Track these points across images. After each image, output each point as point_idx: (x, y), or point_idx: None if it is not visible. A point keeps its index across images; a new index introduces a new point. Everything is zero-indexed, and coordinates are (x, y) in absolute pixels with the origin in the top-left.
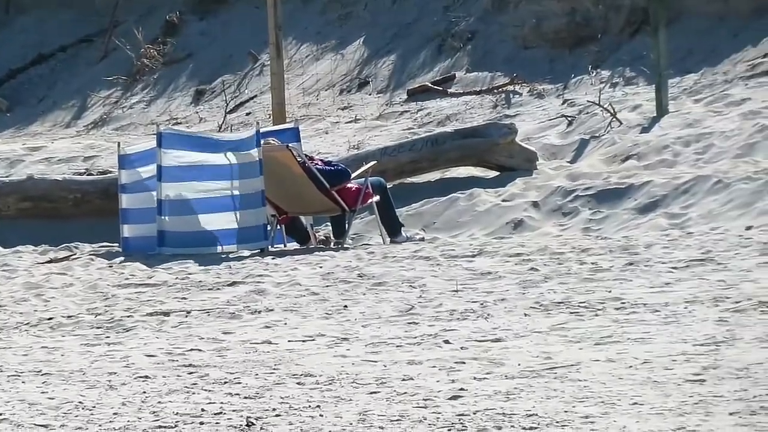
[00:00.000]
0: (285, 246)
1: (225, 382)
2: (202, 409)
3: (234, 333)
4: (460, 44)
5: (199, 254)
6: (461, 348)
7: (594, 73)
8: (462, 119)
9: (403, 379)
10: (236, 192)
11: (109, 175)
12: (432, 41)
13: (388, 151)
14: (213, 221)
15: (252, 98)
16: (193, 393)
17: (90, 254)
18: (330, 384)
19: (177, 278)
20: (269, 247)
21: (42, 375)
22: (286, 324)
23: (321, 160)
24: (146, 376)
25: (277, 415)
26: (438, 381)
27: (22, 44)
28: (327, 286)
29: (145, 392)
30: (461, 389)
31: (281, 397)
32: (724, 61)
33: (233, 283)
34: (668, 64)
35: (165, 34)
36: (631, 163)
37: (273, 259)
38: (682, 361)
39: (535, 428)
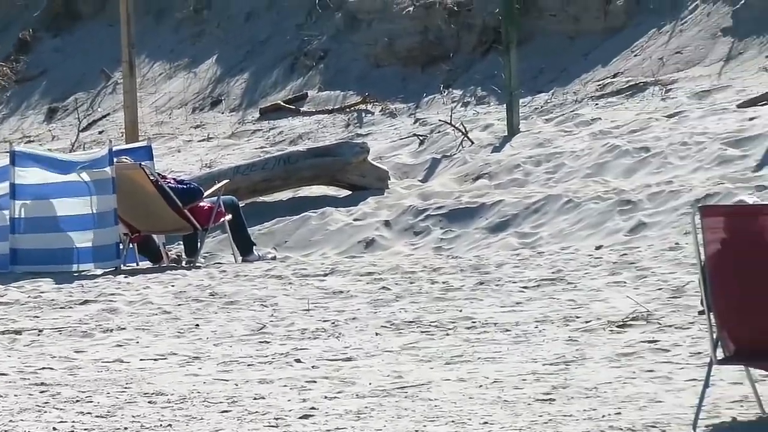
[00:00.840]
0: (137, 265)
1: (77, 401)
2: (54, 428)
3: (86, 351)
4: (313, 63)
5: (52, 272)
6: (312, 367)
7: (446, 93)
8: (314, 138)
9: (255, 398)
10: (90, 210)
11: None
12: (285, 59)
13: (241, 170)
14: (66, 239)
15: (105, 116)
16: (45, 412)
17: None
18: (181, 403)
19: (29, 297)
20: (122, 265)
21: None
22: (138, 343)
23: (174, 179)
24: None
25: None
26: (289, 400)
27: None
28: (179, 304)
29: None
30: (312, 408)
31: (133, 416)
32: (574, 80)
33: (85, 302)
34: (519, 83)
35: (18, 52)
36: (483, 183)
37: (125, 277)
38: (532, 381)
39: None
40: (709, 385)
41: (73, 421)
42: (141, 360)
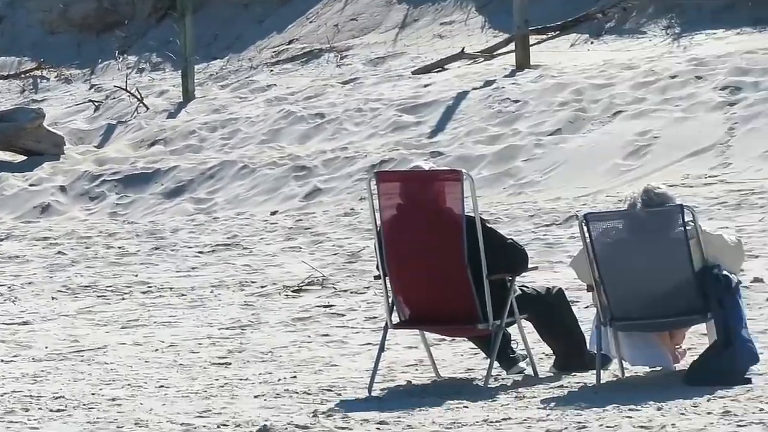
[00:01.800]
0: None
1: None
2: None
3: None
4: None
5: None
6: None
7: (121, 59)
8: None
9: None
10: None
11: None
12: None
13: None
14: None
15: None
16: None
17: None
18: None
19: None
20: None
21: None
22: None
23: None
24: None
25: None
26: None
27: None
28: None
29: None
30: None
31: None
32: (249, 47)
33: None
34: (195, 50)
35: None
36: (158, 148)
37: None
38: (208, 345)
39: (63, 410)
40: (384, 349)
41: None
42: None
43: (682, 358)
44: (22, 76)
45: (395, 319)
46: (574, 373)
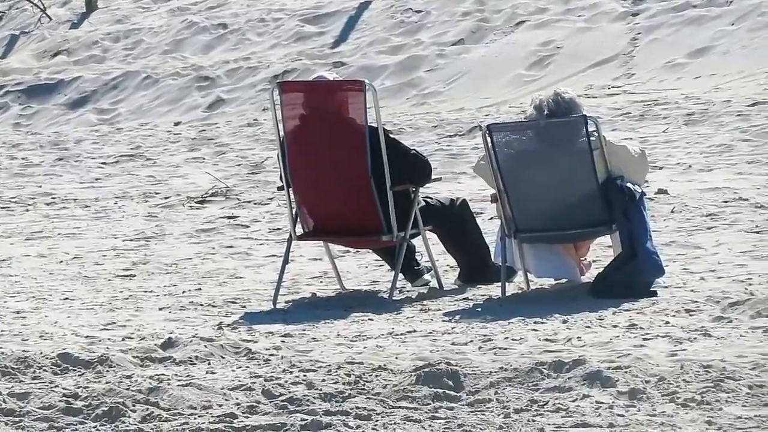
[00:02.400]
0: None
1: None
2: None
3: None
4: None
5: None
6: None
7: None
8: None
9: None
10: None
11: None
12: None
13: None
14: None
15: None
16: None
17: None
18: None
19: None
20: None
21: None
22: None
23: None
24: None
25: None
26: None
27: None
28: None
29: None
30: None
31: None
32: None
33: None
34: None
35: None
36: (61, 59)
37: None
38: (113, 257)
39: None
40: (288, 261)
41: None
42: None
43: (587, 271)
44: None
45: (299, 230)
46: (479, 285)
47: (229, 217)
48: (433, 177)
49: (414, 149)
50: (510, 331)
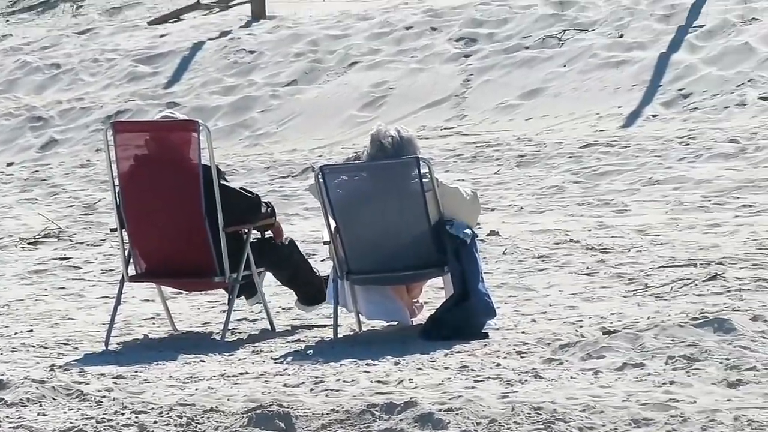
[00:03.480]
0: None
1: None
2: None
3: None
4: None
5: None
6: None
7: None
8: None
9: None
10: None
11: None
12: None
13: None
14: None
15: None
16: None
17: None
18: None
19: None
20: None
21: None
22: None
23: None
24: None
25: None
26: None
27: None
28: None
29: None
30: None
31: None
32: None
33: None
34: None
35: None
36: None
37: None
38: None
39: None
40: (121, 302)
41: None
42: None
43: (419, 312)
44: None
45: (132, 271)
46: (318, 307)
47: (62, 259)
48: (270, 217)
49: (248, 190)
50: (342, 372)
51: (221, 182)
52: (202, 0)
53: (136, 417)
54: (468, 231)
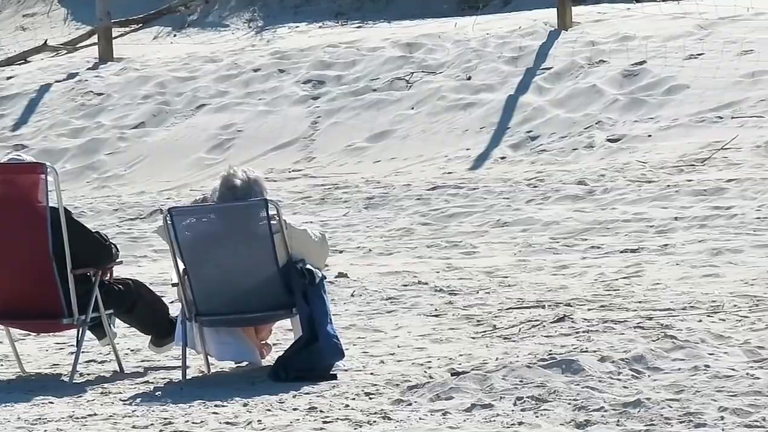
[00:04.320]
0: None
1: None
2: None
3: None
4: None
5: None
6: None
7: None
8: None
9: None
10: None
11: None
12: None
13: None
14: None
15: None
16: None
17: None
18: None
19: None
20: None
21: None
22: None
23: None
24: None
25: None
26: None
27: None
28: None
29: None
30: None
31: None
32: None
33: None
34: None
35: None
36: None
37: None
38: None
39: None
40: None
41: None
42: None
43: (268, 353)
44: None
45: None
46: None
47: None
48: (114, 260)
49: (97, 232)
50: (191, 414)
51: (77, 221)
52: (49, 42)
53: None
54: (317, 272)
